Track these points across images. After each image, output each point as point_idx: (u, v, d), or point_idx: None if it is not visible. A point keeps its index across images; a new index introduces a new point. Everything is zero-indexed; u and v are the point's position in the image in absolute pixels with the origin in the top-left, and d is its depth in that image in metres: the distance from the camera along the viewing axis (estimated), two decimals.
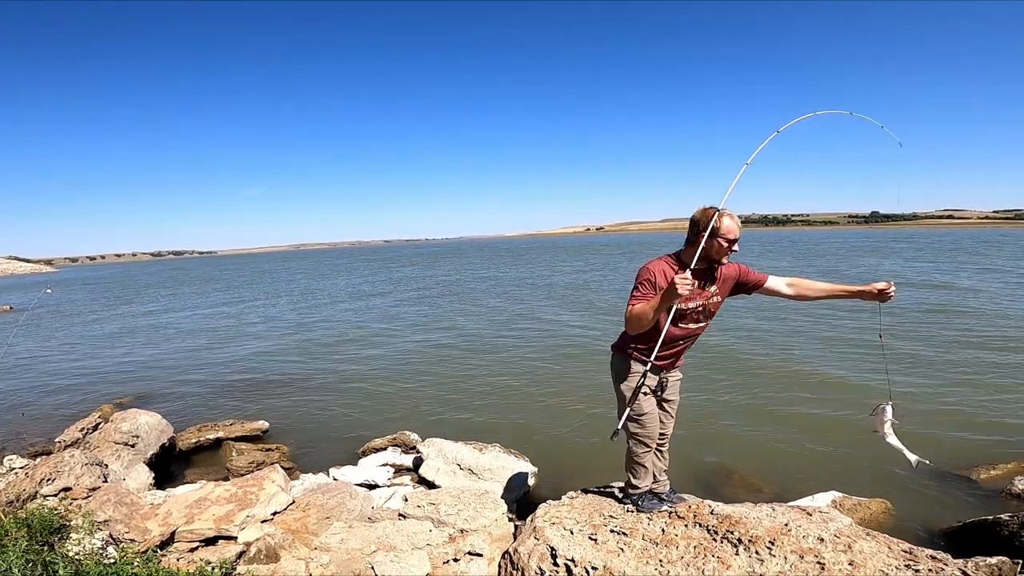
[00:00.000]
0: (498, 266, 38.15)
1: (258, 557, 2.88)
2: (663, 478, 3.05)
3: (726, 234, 2.57)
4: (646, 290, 2.59)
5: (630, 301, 2.62)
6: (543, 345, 10.39)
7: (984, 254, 28.71)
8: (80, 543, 2.65)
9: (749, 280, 2.76)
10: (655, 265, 2.65)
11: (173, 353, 11.77)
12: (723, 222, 2.55)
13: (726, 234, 2.57)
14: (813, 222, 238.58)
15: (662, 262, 2.67)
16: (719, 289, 2.73)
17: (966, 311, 11.59)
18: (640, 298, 2.59)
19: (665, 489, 3.04)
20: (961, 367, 7.44)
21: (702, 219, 2.57)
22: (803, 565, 2.23)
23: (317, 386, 8.40)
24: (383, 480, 4.76)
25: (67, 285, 45.20)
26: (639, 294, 2.60)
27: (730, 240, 2.58)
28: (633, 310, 2.59)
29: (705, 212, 2.59)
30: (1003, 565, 2.71)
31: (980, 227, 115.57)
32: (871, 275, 19.59)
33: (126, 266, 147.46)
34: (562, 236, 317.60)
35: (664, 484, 3.04)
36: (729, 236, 2.57)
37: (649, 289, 2.59)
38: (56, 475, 4.16)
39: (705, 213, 2.59)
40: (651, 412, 2.77)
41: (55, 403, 8.27)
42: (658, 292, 2.55)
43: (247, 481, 3.79)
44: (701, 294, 2.66)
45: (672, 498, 3.01)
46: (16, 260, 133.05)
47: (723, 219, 2.55)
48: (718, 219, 2.54)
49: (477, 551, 2.98)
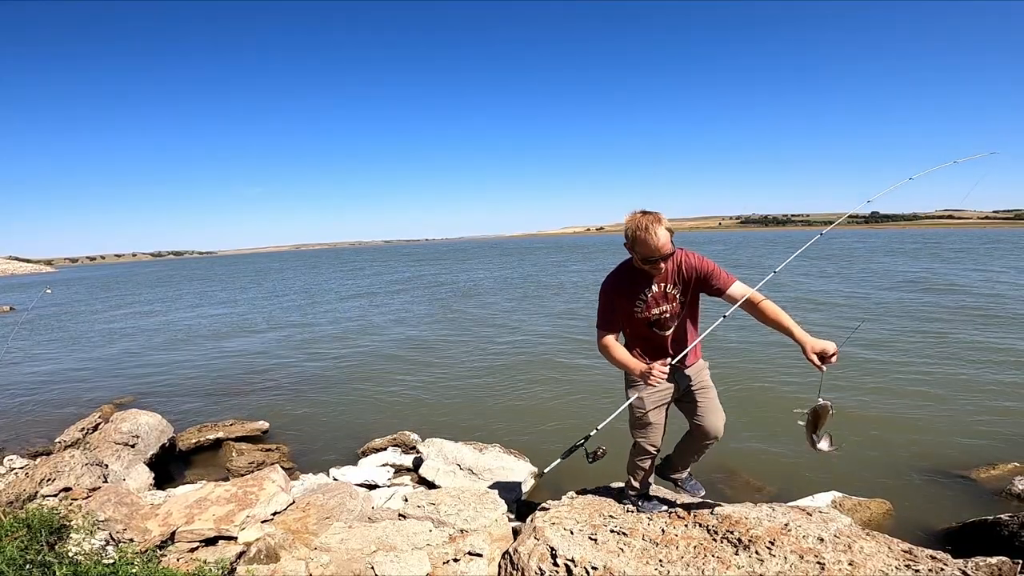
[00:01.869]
0: (499, 265, 38.15)
1: (258, 557, 2.88)
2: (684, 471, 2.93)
3: (641, 251, 2.35)
4: (604, 313, 2.56)
5: (597, 324, 2.60)
6: (544, 344, 10.39)
7: (984, 255, 28.71)
8: (80, 543, 2.65)
9: (710, 284, 2.48)
10: (610, 284, 2.56)
11: (173, 353, 11.77)
12: (640, 236, 2.31)
13: (641, 251, 2.35)
14: (813, 222, 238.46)
15: (614, 279, 2.56)
16: (674, 285, 2.49)
17: (966, 311, 11.58)
18: (603, 324, 2.56)
19: (683, 475, 2.92)
20: (961, 367, 7.44)
21: (626, 228, 2.38)
22: (803, 565, 2.23)
23: (317, 386, 8.40)
24: (383, 480, 4.76)
25: (67, 285, 45.19)
26: (601, 318, 2.57)
27: (645, 258, 2.36)
28: (600, 344, 2.58)
29: (629, 219, 2.37)
30: (1003, 565, 2.71)
31: (980, 227, 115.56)
32: (877, 278, 19.58)
33: (126, 266, 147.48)
34: (562, 236, 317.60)
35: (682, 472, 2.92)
36: (644, 253, 2.34)
37: (607, 310, 2.55)
38: (56, 475, 4.16)
39: (629, 221, 2.37)
40: (656, 423, 2.69)
41: (55, 403, 8.26)
42: (611, 309, 2.53)
43: (247, 481, 3.79)
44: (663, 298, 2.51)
45: (688, 485, 2.91)
46: (16, 260, 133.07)
47: (642, 234, 2.30)
48: (638, 231, 2.31)
49: (477, 551, 2.98)
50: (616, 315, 2.56)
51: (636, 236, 2.32)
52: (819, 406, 2.29)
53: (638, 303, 2.51)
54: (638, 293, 2.50)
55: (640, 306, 2.51)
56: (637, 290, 2.50)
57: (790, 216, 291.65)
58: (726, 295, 2.47)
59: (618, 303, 2.54)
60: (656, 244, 2.29)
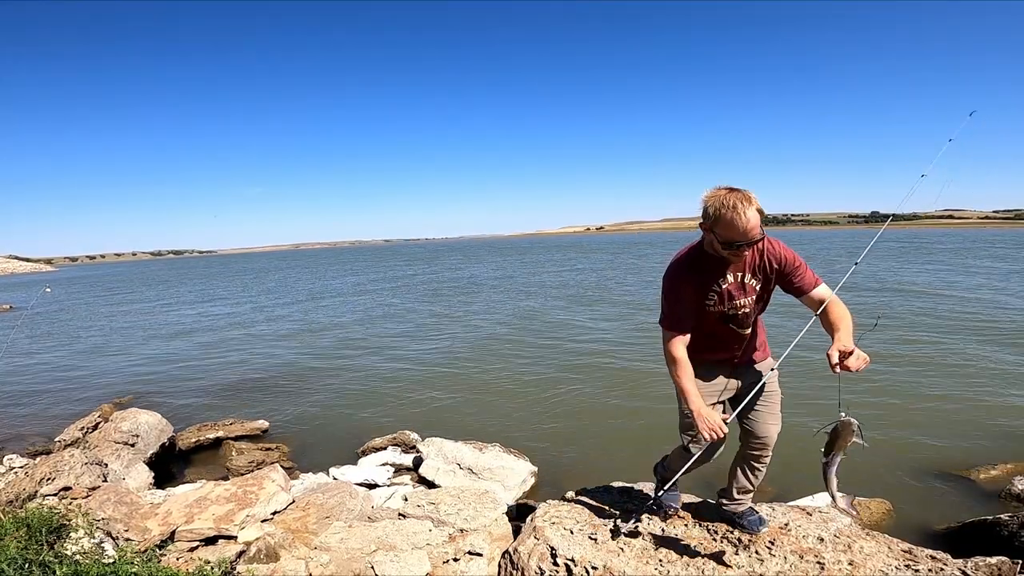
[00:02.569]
0: (500, 265, 38.15)
1: (258, 556, 2.87)
2: (742, 497, 2.48)
3: (725, 233, 1.99)
4: (671, 307, 2.20)
5: (661, 320, 2.25)
6: (544, 344, 10.38)
7: (986, 255, 28.71)
8: (79, 543, 2.65)
9: (792, 281, 2.16)
10: (674, 271, 2.21)
11: (173, 352, 11.77)
12: (725, 216, 1.95)
13: (725, 233, 1.99)
14: (813, 222, 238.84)
15: (681, 266, 2.20)
16: (754, 275, 2.16)
17: (965, 311, 11.59)
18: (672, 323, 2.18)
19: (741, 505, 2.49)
20: (961, 367, 7.44)
21: (708, 205, 2.01)
22: (803, 565, 2.23)
23: (317, 386, 8.39)
24: (383, 480, 4.76)
25: (67, 284, 45.20)
26: (668, 315, 2.21)
27: (728, 242, 2.00)
28: (668, 350, 2.19)
29: (712, 195, 2.01)
30: (1003, 565, 2.71)
31: (980, 227, 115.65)
32: (879, 282, 19.57)
33: (126, 265, 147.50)
34: (562, 236, 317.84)
35: (741, 504, 2.50)
36: (729, 236, 1.98)
37: (674, 303, 2.19)
38: (56, 474, 4.16)
39: (712, 197, 2.01)
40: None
41: (55, 402, 8.26)
42: (680, 303, 2.16)
43: (247, 480, 3.78)
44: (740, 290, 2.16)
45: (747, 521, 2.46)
46: (16, 259, 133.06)
47: (728, 212, 1.94)
48: (723, 209, 1.95)
49: (477, 551, 2.98)
50: (688, 310, 2.17)
51: (721, 216, 1.95)
52: (840, 423, 2.01)
53: (711, 295, 2.15)
54: (711, 283, 2.14)
55: (713, 298, 2.16)
56: (710, 279, 2.14)
57: (790, 216, 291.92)
58: (806, 296, 2.15)
59: (686, 293, 2.17)
60: (745, 227, 1.94)
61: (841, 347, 1.96)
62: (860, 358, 1.94)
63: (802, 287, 2.15)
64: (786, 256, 2.14)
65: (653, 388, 6.91)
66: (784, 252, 2.14)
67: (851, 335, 2.02)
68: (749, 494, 2.48)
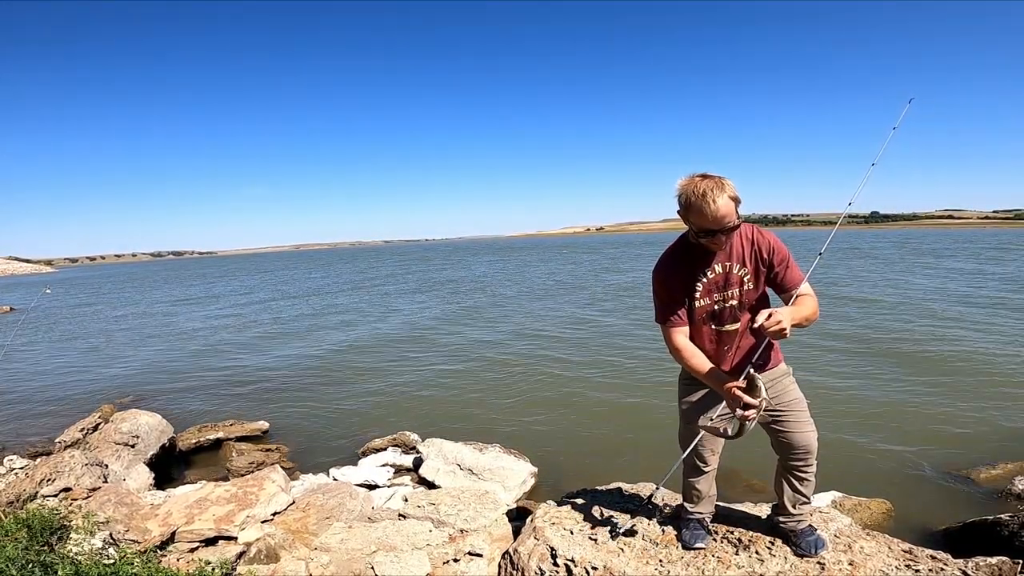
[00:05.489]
0: (499, 264, 38.15)
1: (258, 557, 2.88)
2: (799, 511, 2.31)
3: (695, 220, 1.95)
4: (663, 301, 2.15)
5: (656, 317, 2.19)
6: (544, 343, 10.38)
7: (986, 256, 28.71)
8: (80, 543, 2.65)
9: (777, 275, 2.08)
10: (662, 264, 2.17)
11: (173, 353, 11.77)
12: (695, 204, 1.90)
13: (695, 220, 1.95)
14: (813, 222, 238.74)
15: (668, 258, 2.16)
16: (742, 266, 2.07)
17: (965, 312, 11.59)
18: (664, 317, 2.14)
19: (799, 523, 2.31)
20: (961, 367, 7.44)
21: (679, 193, 1.96)
22: (803, 565, 2.23)
23: (317, 386, 8.40)
24: (383, 480, 4.76)
25: (67, 285, 45.20)
26: (660, 310, 2.16)
27: (702, 230, 1.95)
28: (671, 343, 2.14)
29: (684, 183, 1.95)
30: (1003, 565, 2.71)
31: (980, 227, 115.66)
32: (877, 286, 19.59)
33: (126, 266, 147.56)
34: (562, 236, 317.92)
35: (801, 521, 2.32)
36: (699, 224, 1.94)
37: (665, 295, 2.14)
38: (56, 475, 4.16)
39: (683, 185, 1.95)
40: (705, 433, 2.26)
41: (55, 403, 8.27)
42: (671, 296, 2.12)
43: (247, 481, 3.79)
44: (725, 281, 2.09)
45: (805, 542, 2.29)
46: (16, 260, 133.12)
47: (697, 200, 1.89)
48: (693, 197, 1.90)
49: (477, 551, 2.98)
50: (679, 300, 2.11)
51: (691, 203, 1.90)
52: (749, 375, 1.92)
53: (697, 285, 2.09)
54: (697, 273, 2.08)
55: (699, 289, 2.09)
56: (696, 270, 2.09)
57: (790, 216, 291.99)
58: (788, 294, 2.06)
59: (674, 284, 2.11)
60: (715, 214, 1.87)
61: (774, 311, 1.88)
62: (775, 320, 1.84)
63: (788, 284, 2.06)
64: (775, 246, 2.06)
65: (653, 388, 6.91)
66: (774, 242, 2.07)
67: (796, 316, 1.93)
68: (807, 505, 2.32)
